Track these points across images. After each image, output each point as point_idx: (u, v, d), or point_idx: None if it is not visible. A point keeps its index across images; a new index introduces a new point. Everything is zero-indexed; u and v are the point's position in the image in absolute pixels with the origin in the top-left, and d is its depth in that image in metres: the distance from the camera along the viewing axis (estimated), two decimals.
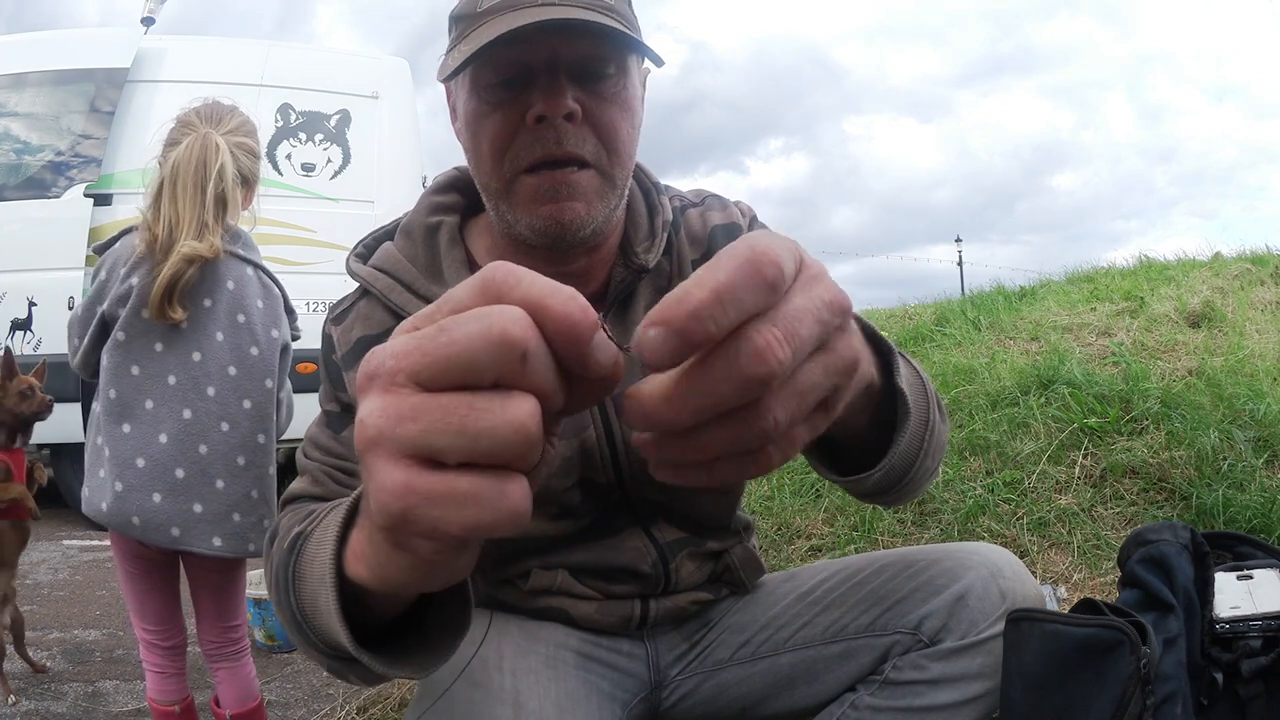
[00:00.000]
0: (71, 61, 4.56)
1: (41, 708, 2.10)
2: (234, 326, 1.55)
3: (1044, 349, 3.12)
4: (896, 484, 0.70)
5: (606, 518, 0.93)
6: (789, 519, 2.28)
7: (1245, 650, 0.97)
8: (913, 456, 0.68)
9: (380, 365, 0.33)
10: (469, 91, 0.80)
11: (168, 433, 1.48)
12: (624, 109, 0.80)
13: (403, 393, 0.32)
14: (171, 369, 1.50)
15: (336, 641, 0.53)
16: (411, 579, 0.39)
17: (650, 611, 0.97)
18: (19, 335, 4.21)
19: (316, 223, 4.48)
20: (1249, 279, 4.02)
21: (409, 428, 0.32)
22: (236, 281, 1.57)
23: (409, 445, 0.32)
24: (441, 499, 0.32)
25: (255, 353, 1.56)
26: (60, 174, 4.44)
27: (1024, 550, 1.97)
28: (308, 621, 0.59)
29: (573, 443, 0.87)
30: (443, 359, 0.32)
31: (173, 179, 1.50)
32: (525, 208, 0.80)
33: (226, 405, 1.52)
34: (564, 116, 0.76)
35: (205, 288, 1.53)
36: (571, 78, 0.77)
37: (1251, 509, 1.85)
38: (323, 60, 5.12)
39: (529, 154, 0.77)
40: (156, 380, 1.49)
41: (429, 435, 0.32)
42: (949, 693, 0.88)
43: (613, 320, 0.87)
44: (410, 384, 0.32)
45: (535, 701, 0.84)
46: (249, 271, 1.60)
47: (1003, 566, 0.93)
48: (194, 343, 1.51)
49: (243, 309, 1.57)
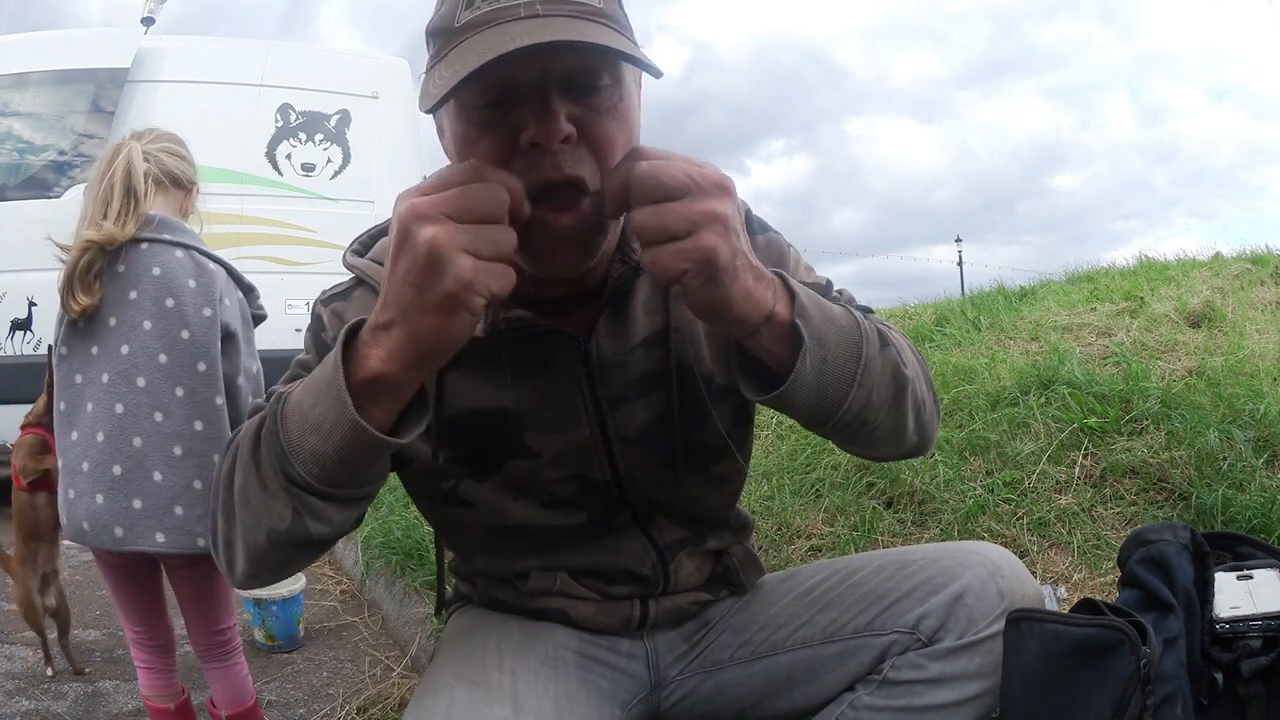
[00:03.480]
0: (71, 61, 4.55)
1: (41, 708, 2.10)
2: (162, 312, 1.49)
3: (1044, 349, 3.11)
4: (835, 414, 0.76)
5: (604, 515, 0.93)
6: (789, 519, 2.27)
7: (1245, 650, 0.97)
8: (842, 386, 0.75)
9: (418, 204, 0.64)
10: (455, 113, 0.75)
11: (104, 430, 1.45)
12: (620, 121, 0.75)
13: (435, 203, 0.64)
14: (104, 367, 1.48)
15: (320, 454, 0.69)
16: (423, 339, 0.65)
17: (649, 612, 0.97)
18: (19, 335, 4.21)
19: (316, 223, 4.48)
20: (1249, 279, 4.01)
21: (443, 206, 0.64)
22: (163, 267, 1.51)
23: (443, 209, 0.63)
24: (461, 239, 0.63)
25: (186, 336, 1.50)
26: (60, 174, 4.44)
27: (1024, 550, 1.97)
28: (291, 451, 0.70)
29: (566, 437, 0.87)
30: (462, 201, 0.64)
31: (85, 191, 1.54)
32: (523, 240, 0.71)
33: (159, 395, 1.47)
34: (561, 142, 0.71)
35: (129, 278, 1.49)
36: (563, 93, 0.71)
37: (1251, 509, 1.85)
38: (323, 60, 5.12)
39: (525, 179, 0.70)
40: (93, 382, 1.48)
41: (448, 200, 0.64)
42: (947, 692, 0.88)
43: (609, 315, 0.86)
44: (432, 203, 0.64)
45: (534, 701, 0.84)
46: (178, 254, 1.53)
47: (1001, 566, 0.93)
48: (121, 336, 1.48)
49: (170, 293, 1.50)
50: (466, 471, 0.89)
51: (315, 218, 4.50)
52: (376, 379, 0.67)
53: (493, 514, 0.90)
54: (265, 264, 4.32)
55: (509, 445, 0.87)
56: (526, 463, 0.88)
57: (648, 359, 0.87)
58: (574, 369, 0.86)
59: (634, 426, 0.88)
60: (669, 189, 0.66)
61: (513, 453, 0.87)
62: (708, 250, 0.65)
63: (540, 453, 0.87)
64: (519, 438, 0.87)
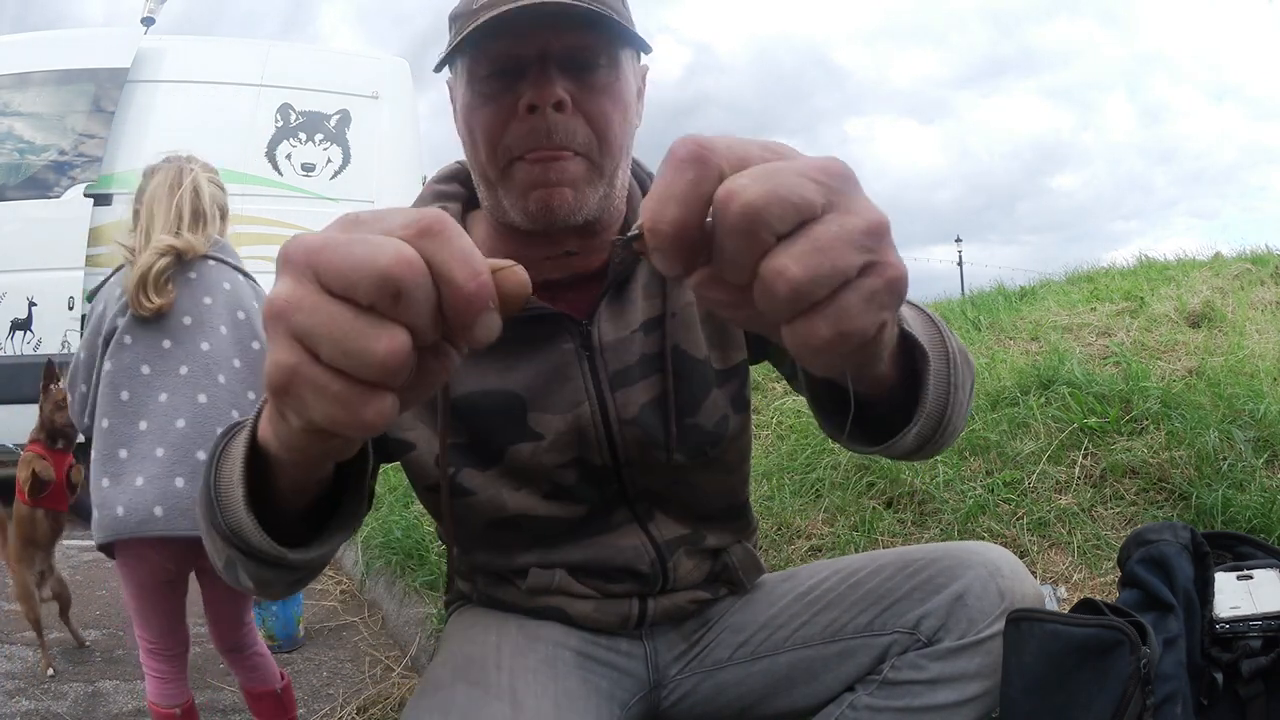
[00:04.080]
0: (71, 61, 4.55)
1: (41, 707, 2.10)
2: (235, 323, 1.61)
3: (1044, 349, 3.12)
4: (938, 429, 0.66)
5: (603, 510, 0.93)
6: (789, 519, 2.27)
7: (1245, 650, 0.97)
8: (943, 400, 0.64)
9: (296, 253, 0.37)
10: (465, 84, 0.82)
11: (185, 418, 1.51)
12: (615, 100, 0.81)
13: (307, 285, 0.36)
14: (182, 360, 1.54)
15: (236, 520, 0.57)
16: (295, 443, 0.43)
17: (648, 610, 0.97)
18: (19, 335, 4.21)
19: (316, 223, 4.47)
20: (1249, 279, 4.01)
21: (301, 319, 0.36)
22: (232, 284, 1.64)
23: (299, 333, 0.37)
24: (314, 390, 0.37)
25: (256, 347, 1.61)
26: (60, 174, 4.44)
27: (1024, 550, 1.97)
28: (219, 500, 0.59)
29: (567, 418, 0.88)
30: (338, 269, 0.36)
31: (149, 200, 1.60)
32: (518, 193, 0.81)
33: (236, 394, 1.57)
34: (554, 106, 0.77)
35: (203, 286, 1.59)
36: (562, 68, 0.78)
37: (1251, 509, 1.85)
38: (323, 60, 5.12)
39: (521, 144, 0.79)
40: (168, 374, 1.53)
41: (314, 333, 0.36)
42: (947, 692, 0.88)
43: (610, 300, 0.88)
44: (314, 279, 0.36)
45: (533, 700, 0.84)
46: (240, 278, 1.67)
47: (1001, 566, 0.93)
48: (200, 335, 1.56)
49: (241, 307, 1.62)
50: (467, 458, 0.89)
51: (315, 218, 4.50)
52: (270, 451, 0.52)
53: (492, 505, 0.90)
54: (265, 264, 4.30)
55: (512, 428, 0.88)
56: (528, 446, 0.88)
57: (646, 343, 0.88)
58: (576, 351, 0.87)
59: (632, 409, 0.89)
60: (801, 208, 0.37)
61: (515, 435, 0.88)
62: (899, 280, 0.39)
63: (542, 434, 0.88)
64: (521, 419, 0.88)
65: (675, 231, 0.38)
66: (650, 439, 0.89)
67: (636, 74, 0.86)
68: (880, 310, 0.39)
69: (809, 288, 0.37)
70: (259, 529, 0.56)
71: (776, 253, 0.36)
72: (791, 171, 0.37)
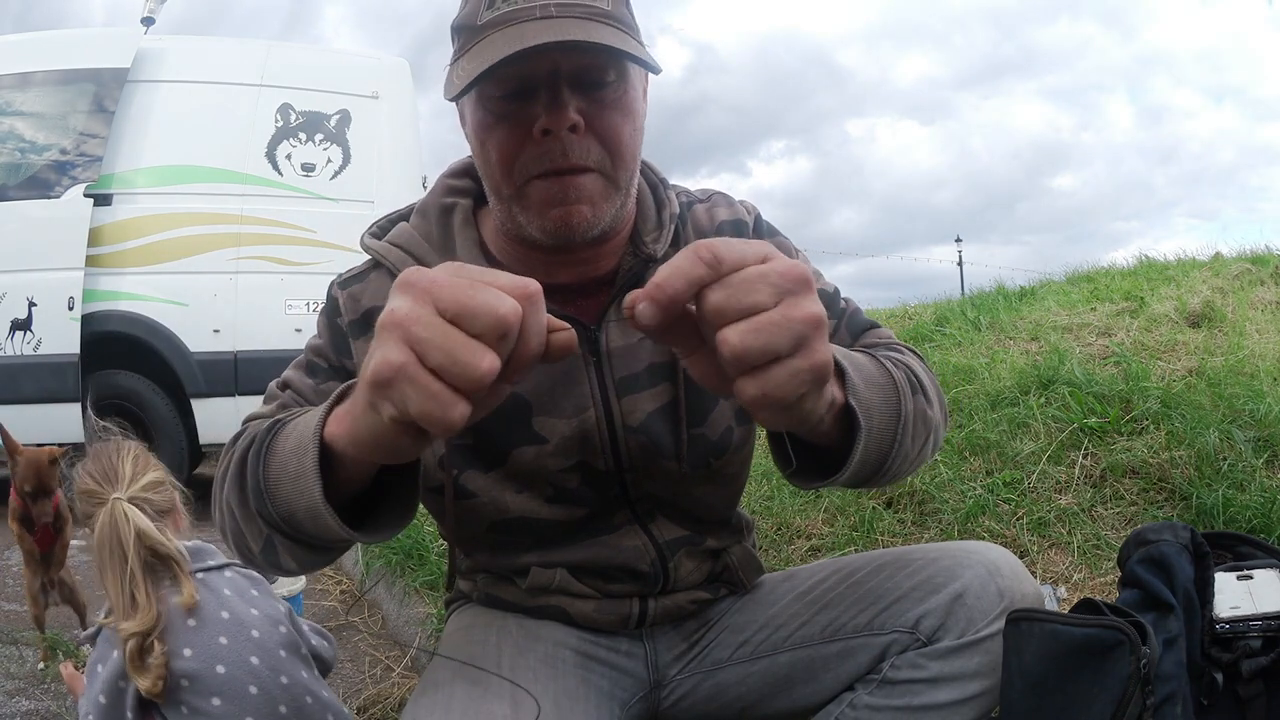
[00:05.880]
0: (71, 61, 4.55)
1: (41, 708, 2.09)
2: (244, 597, 1.34)
3: (1044, 349, 3.12)
4: (873, 477, 0.75)
5: (605, 511, 0.93)
6: (789, 519, 2.27)
7: (1245, 650, 0.97)
8: (884, 451, 0.73)
9: (420, 280, 0.50)
10: (475, 103, 0.82)
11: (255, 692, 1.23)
12: (625, 114, 0.82)
13: (426, 307, 0.49)
14: (219, 631, 1.27)
15: (290, 508, 0.65)
16: (373, 438, 0.55)
17: (649, 610, 0.97)
18: (19, 335, 4.21)
19: (316, 223, 4.47)
20: (1249, 279, 4.02)
21: (419, 330, 0.49)
22: (229, 586, 1.36)
23: (414, 340, 0.49)
24: (416, 386, 0.49)
25: (282, 626, 1.33)
26: (60, 174, 4.43)
27: (1024, 550, 1.97)
28: (268, 490, 0.67)
29: (572, 422, 0.88)
30: (460, 303, 0.49)
31: (98, 557, 1.33)
32: (536, 211, 0.81)
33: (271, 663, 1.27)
34: (568, 129, 0.77)
35: (202, 596, 1.29)
36: (573, 88, 0.78)
37: (1251, 509, 1.85)
38: (323, 60, 5.12)
39: (537, 166, 0.79)
40: (209, 660, 1.24)
41: (428, 343, 0.49)
42: (947, 692, 0.88)
43: (620, 305, 0.88)
44: (433, 304, 0.49)
45: (533, 700, 0.84)
46: (227, 574, 1.39)
47: (1000, 565, 0.93)
48: (216, 603, 1.29)
49: (248, 578, 1.38)
50: (470, 460, 0.89)
51: (315, 218, 4.49)
52: (337, 445, 0.62)
53: (494, 506, 0.90)
54: (265, 264, 4.32)
55: (516, 431, 0.88)
56: (532, 449, 0.88)
57: (656, 351, 0.89)
58: (584, 356, 0.88)
59: (638, 416, 0.89)
60: (758, 302, 0.52)
61: (519, 439, 0.88)
62: (822, 365, 0.54)
63: (546, 438, 0.88)
64: (526, 423, 0.88)
65: (670, 300, 0.53)
66: (656, 446, 0.89)
67: (642, 80, 0.87)
68: (801, 384, 0.53)
69: (745, 355, 0.51)
70: (337, 519, 0.63)
71: (731, 326, 0.52)
72: (756, 277, 0.52)
